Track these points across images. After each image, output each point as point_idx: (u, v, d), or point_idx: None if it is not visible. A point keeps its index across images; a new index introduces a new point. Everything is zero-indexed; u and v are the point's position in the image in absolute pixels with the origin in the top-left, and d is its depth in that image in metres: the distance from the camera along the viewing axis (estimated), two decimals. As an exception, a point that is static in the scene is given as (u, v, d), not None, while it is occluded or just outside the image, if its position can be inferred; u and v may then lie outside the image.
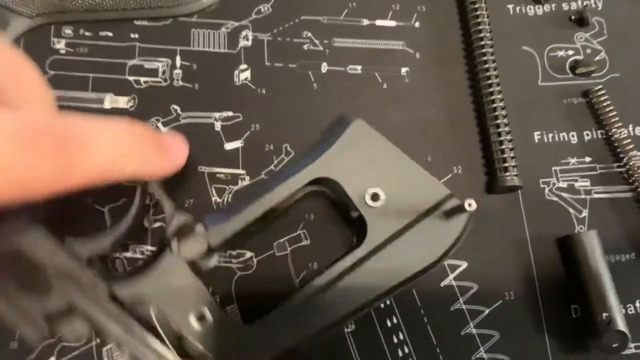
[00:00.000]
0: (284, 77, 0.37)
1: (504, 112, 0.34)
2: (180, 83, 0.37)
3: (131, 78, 0.37)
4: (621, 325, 0.30)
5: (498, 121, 0.34)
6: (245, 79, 0.37)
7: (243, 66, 0.38)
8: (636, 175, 0.34)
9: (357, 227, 0.32)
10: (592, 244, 0.31)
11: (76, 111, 0.36)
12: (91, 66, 0.38)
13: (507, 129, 0.34)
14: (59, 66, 0.37)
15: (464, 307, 0.32)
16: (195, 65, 0.38)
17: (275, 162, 0.35)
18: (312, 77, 0.37)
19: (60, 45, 0.38)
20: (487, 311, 0.32)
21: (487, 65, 0.35)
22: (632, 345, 0.32)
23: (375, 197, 0.30)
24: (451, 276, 0.33)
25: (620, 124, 0.35)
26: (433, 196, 0.30)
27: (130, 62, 0.38)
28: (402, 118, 0.36)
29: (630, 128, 0.36)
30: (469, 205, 0.26)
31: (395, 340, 0.32)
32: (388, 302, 0.33)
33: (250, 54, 0.38)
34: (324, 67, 0.38)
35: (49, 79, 0.37)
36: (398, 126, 0.36)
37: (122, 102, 0.37)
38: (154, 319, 0.26)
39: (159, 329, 0.26)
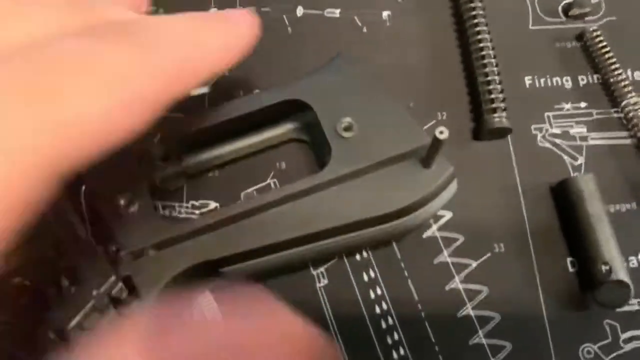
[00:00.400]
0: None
1: (492, 53, 0.32)
2: (145, 28, 0.35)
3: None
4: (622, 274, 0.27)
5: (485, 61, 0.31)
6: (216, 23, 0.35)
7: (213, 9, 0.35)
8: (635, 120, 0.31)
9: None
10: (589, 187, 0.28)
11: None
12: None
13: (495, 69, 0.31)
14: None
15: (448, 260, 0.29)
16: (162, 10, 0.35)
17: (245, 108, 0.32)
18: (287, 21, 0.35)
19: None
20: (474, 264, 0.29)
21: (473, 4, 0.33)
22: (635, 301, 0.29)
23: (348, 128, 0.27)
24: (434, 227, 0.30)
25: (617, 67, 0.32)
26: (412, 142, 0.26)
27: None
28: (384, 63, 0.33)
29: (629, 72, 0.33)
30: (440, 132, 0.23)
31: (373, 296, 0.29)
32: (365, 255, 0.29)
33: (221, -3, 0.35)
34: (300, 11, 0.35)
35: None
36: (379, 72, 0.33)
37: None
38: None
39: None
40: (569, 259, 0.29)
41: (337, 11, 0.35)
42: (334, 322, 0.28)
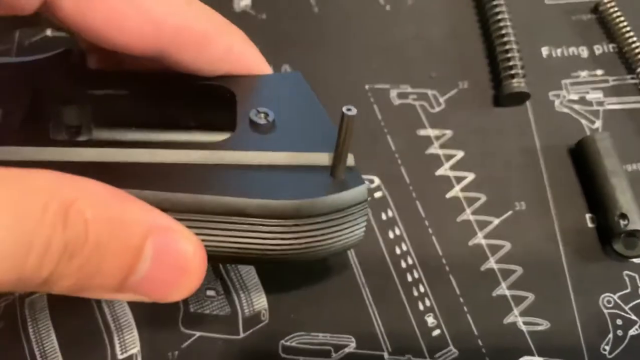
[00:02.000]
0: (284, 3, 0.37)
1: (509, 24, 0.33)
2: (181, 11, 0.37)
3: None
4: (639, 224, 0.28)
5: (503, 31, 0.33)
6: (246, 5, 0.37)
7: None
8: (651, 84, 0.32)
9: None
10: (605, 144, 0.30)
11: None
12: None
13: (513, 38, 0.33)
14: None
15: (471, 217, 0.31)
16: None
17: (276, 82, 0.34)
18: (312, 1, 0.37)
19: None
20: (496, 221, 0.31)
21: (491, -19, 0.34)
22: (653, 255, 0.30)
23: (263, 115, 0.23)
24: (457, 187, 0.31)
25: (632, 35, 0.33)
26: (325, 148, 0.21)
27: None
28: (406, 37, 0.35)
29: (644, 41, 0.34)
30: (348, 109, 0.18)
31: (398, 251, 0.30)
32: (390, 214, 0.31)
33: (250, -20, 0.37)
34: (325, -10, 0.37)
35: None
36: (402, 45, 0.35)
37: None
38: None
39: None
40: (588, 215, 0.31)
41: (361, -10, 0.37)
42: (363, 281, 0.30)
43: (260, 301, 0.30)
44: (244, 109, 0.23)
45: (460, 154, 0.32)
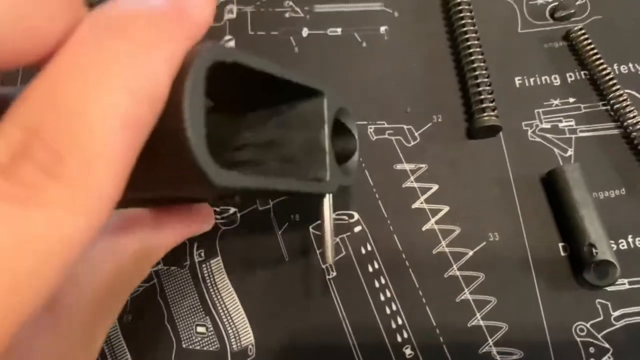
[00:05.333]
0: (267, 44, 0.39)
1: (480, 57, 0.34)
2: (170, 57, 0.39)
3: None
4: (608, 254, 0.29)
5: (475, 65, 0.34)
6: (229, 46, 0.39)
7: (228, 37, 0.39)
8: (622, 111, 0.33)
9: None
10: (574, 175, 0.30)
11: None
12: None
13: (484, 72, 0.34)
14: None
15: (446, 249, 0.32)
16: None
17: (258, 122, 0.36)
18: (294, 42, 0.38)
19: None
20: (470, 253, 0.32)
21: (463, 14, 0.35)
22: (625, 281, 0.30)
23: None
24: (432, 220, 0.32)
25: (603, 62, 0.34)
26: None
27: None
28: (383, 73, 0.37)
29: (615, 66, 0.35)
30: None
31: (377, 285, 0.31)
32: (369, 248, 0.32)
33: (235, 25, 0.39)
34: (305, 32, 0.39)
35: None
36: (379, 81, 0.36)
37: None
38: None
39: None
40: (560, 244, 0.31)
41: (339, 29, 0.38)
42: (344, 315, 0.31)
43: (247, 337, 0.31)
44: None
45: (435, 187, 0.33)
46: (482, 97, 0.33)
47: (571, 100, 0.34)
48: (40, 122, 0.11)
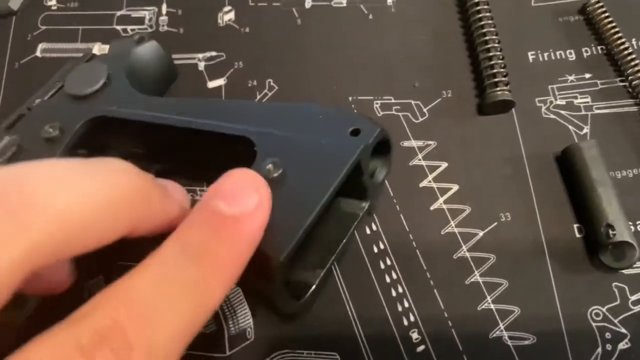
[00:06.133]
0: (268, 15, 0.37)
1: (493, 29, 0.33)
2: (166, 28, 0.37)
3: (119, 27, 0.38)
4: (626, 235, 0.27)
5: (487, 37, 0.32)
6: (229, 19, 0.37)
7: (227, 8, 0.37)
8: (641, 87, 0.31)
9: None
10: (592, 153, 0.29)
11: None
12: (81, 19, 0.38)
13: (497, 45, 0.32)
14: (51, 21, 0.38)
15: (456, 230, 0.30)
16: (180, 11, 0.38)
17: (259, 97, 0.34)
18: (296, 13, 0.37)
19: (51, 2, 0.39)
20: (481, 234, 0.30)
21: (474, -15, 0.34)
22: (642, 264, 0.29)
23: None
24: (441, 199, 0.31)
25: (621, 36, 0.32)
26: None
27: (118, 13, 0.38)
28: (389, 47, 0.35)
29: (633, 41, 0.33)
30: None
31: (383, 266, 0.30)
32: (374, 228, 0.31)
33: (235, -5, 0.37)
34: (308, 3, 0.37)
35: (40, 33, 0.38)
36: (385, 55, 0.35)
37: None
38: None
39: None
40: (575, 225, 0.30)
41: (344, 1, 0.37)
42: (348, 297, 0.30)
43: (245, 319, 0.30)
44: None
45: (444, 165, 0.32)
46: (495, 70, 0.32)
47: (587, 76, 0.33)
48: (127, 316, 0.15)
